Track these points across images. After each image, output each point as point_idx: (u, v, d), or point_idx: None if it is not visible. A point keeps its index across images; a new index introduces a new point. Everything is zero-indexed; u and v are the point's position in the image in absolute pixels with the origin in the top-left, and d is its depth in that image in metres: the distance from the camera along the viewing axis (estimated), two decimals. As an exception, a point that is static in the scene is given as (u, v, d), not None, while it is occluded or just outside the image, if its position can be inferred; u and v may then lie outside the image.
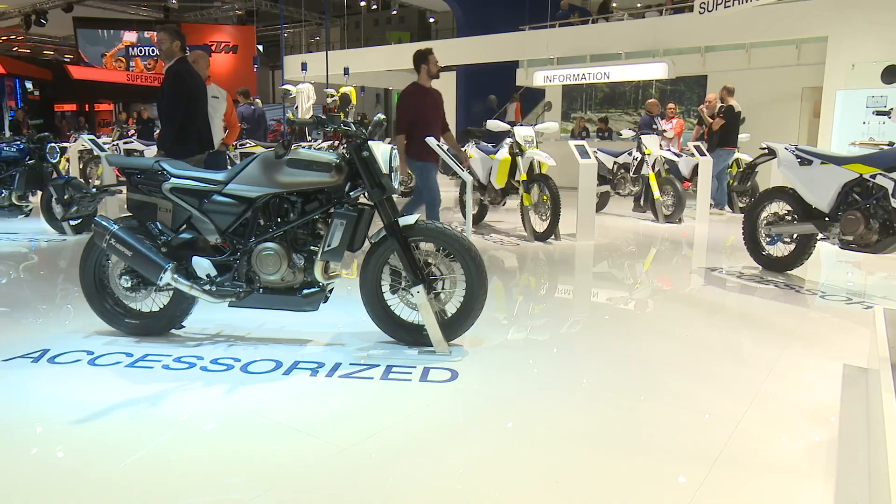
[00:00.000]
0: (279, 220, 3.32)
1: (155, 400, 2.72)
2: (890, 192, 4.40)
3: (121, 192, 3.69)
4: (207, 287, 3.31)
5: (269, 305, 3.36)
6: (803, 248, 5.14)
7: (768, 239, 5.35)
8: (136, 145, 11.18)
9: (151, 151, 10.30)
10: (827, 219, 4.83)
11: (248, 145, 9.26)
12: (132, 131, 13.28)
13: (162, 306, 3.54)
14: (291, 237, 3.30)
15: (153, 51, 22.88)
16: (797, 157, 5.02)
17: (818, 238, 5.00)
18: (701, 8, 11.16)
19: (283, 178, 3.21)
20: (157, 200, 3.39)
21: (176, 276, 3.27)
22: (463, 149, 7.92)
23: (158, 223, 3.41)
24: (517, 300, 4.66)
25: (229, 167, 4.81)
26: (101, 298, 3.54)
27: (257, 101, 11.82)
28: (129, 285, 3.43)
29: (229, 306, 3.37)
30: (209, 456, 2.28)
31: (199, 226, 3.36)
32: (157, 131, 6.70)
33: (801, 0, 11.29)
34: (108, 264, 3.53)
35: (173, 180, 3.35)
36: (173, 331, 3.58)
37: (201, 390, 2.83)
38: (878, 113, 4.63)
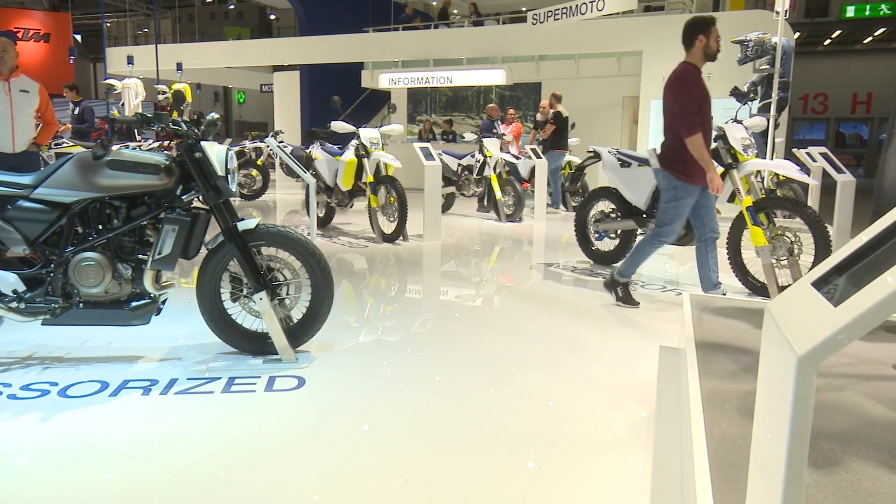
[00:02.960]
0: (101, 227, 3.04)
1: (-51, 437, 2.37)
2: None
3: None
4: (14, 304, 2.94)
5: (92, 321, 3.06)
6: (626, 243, 5.66)
7: (596, 235, 5.83)
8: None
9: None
10: (644, 215, 5.37)
11: (64, 145, 8.34)
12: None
13: (-43, 329, 3.09)
14: (116, 245, 3.03)
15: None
16: (618, 159, 5.51)
17: (638, 233, 5.53)
18: (534, 19, 11.94)
19: (103, 181, 2.94)
20: (-53, 207, 2.96)
21: (-27, 293, 2.87)
22: (307, 150, 7.76)
23: (-51, 234, 2.97)
24: (367, 302, 4.65)
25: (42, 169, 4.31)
26: None
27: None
28: (-88, 307, 2.96)
29: (43, 324, 3.02)
30: (24, 494, 2.02)
31: (1, 235, 2.97)
32: None
33: (620, 17, 12.41)
34: None
35: (-33, 184, 2.94)
36: (-27, 356, 3.14)
37: (10, 421, 2.51)
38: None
